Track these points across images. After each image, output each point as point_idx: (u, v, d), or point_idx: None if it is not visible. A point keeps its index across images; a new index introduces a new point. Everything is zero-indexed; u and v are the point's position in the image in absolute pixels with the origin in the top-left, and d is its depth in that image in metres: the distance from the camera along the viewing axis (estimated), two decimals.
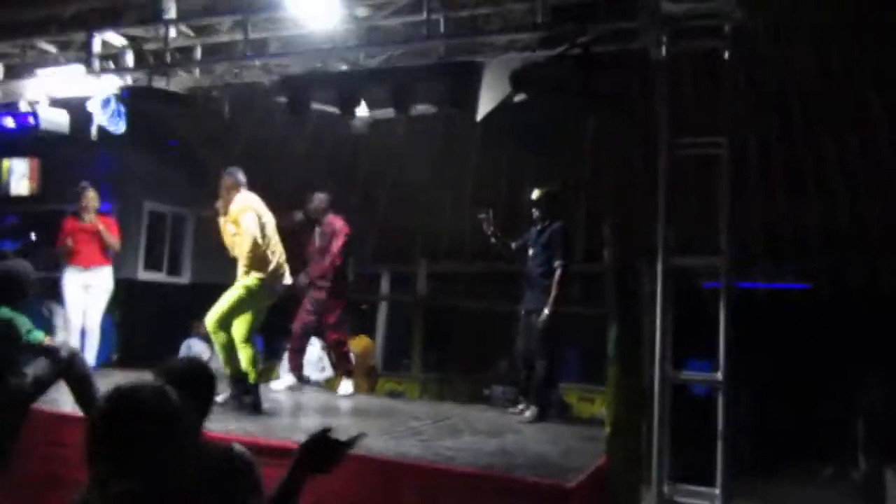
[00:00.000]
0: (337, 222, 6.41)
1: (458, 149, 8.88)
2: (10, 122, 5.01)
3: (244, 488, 2.24)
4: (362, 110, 6.47)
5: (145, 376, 2.00)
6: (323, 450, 1.92)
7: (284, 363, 6.37)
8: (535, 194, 5.60)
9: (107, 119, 4.77)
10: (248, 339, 4.97)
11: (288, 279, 5.19)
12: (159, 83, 4.53)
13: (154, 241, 9.64)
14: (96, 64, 4.69)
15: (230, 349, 4.86)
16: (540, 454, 4.20)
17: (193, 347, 7.80)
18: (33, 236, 10.08)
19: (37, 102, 5.10)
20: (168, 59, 4.58)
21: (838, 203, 7.39)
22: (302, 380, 6.56)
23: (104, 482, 1.55)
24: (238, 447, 2.51)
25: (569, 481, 3.44)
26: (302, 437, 1.95)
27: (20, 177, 8.77)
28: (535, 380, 5.42)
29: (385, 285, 10.61)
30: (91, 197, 6.49)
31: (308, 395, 6.39)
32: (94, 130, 5.03)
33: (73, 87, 4.92)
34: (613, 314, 4.05)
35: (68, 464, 2.24)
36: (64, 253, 6.28)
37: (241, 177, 5.08)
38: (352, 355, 7.51)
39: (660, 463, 3.80)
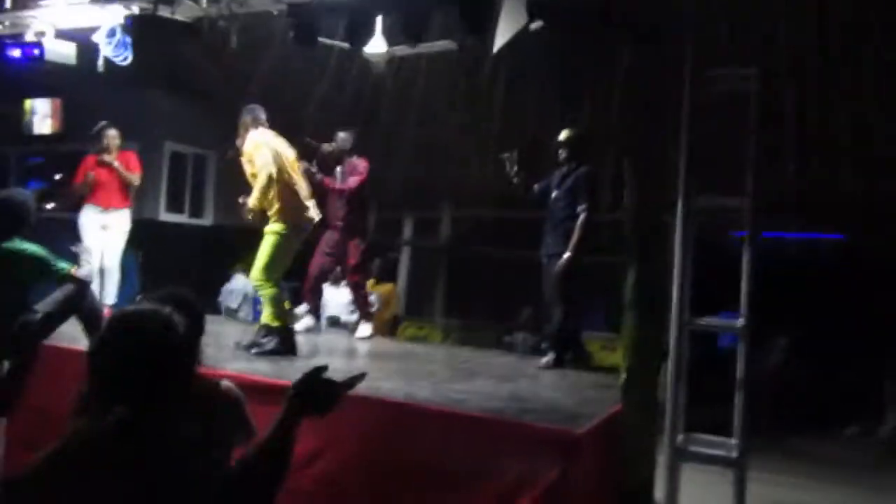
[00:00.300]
0: (359, 163, 6.29)
1: (483, 89, 8.61)
2: (16, 53, 4.93)
3: (230, 424, 2.19)
4: (379, 45, 6.31)
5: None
6: (317, 391, 1.78)
7: (303, 305, 6.33)
8: (564, 135, 5.41)
9: (112, 50, 4.65)
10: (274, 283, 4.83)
11: (315, 213, 5.03)
12: (164, 12, 4.36)
13: (176, 183, 9.63)
14: None
15: (279, 302, 4.77)
16: (553, 401, 4.12)
17: (240, 282, 7.83)
18: (57, 176, 10.17)
19: (42, 34, 4.98)
20: None
21: (876, 146, 7.03)
22: (318, 320, 6.54)
23: (101, 412, 1.52)
24: (226, 383, 2.46)
25: (579, 428, 3.35)
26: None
27: (43, 116, 8.76)
28: (551, 326, 5.31)
29: (408, 231, 10.52)
30: (112, 136, 6.40)
31: (324, 338, 6.37)
32: (100, 62, 4.90)
33: (78, 18, 4.78)
34: (632, 258, 3.89)
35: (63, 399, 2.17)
36: (85, 187, 6.23)
37: (261, 114, 4.91)
38: (372, 298, 7.54)
39: (674, 411, 3.69)
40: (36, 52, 4.87)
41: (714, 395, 4.06)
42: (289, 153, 4.96)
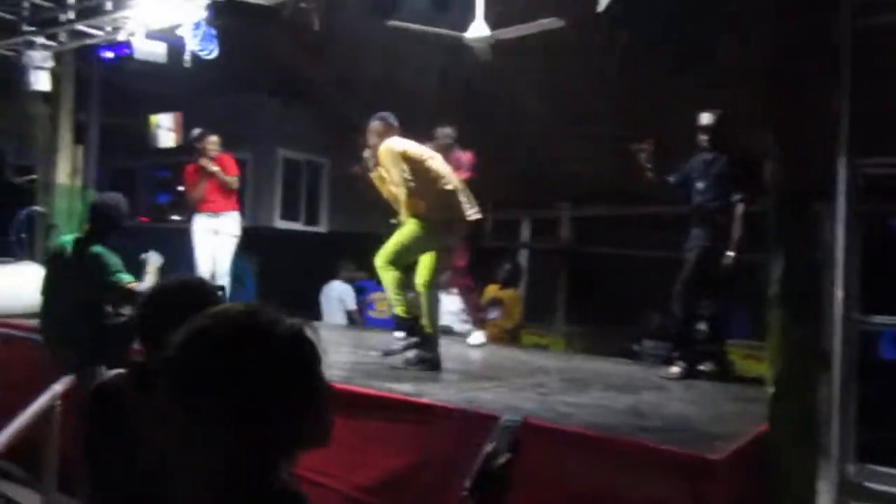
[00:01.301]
0: (463, 157, 5.88)
1: (599, 72, 7.94)
2: (108, 55, 4.93)
3: None
4: (481, 29, 5.88)
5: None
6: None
7: None
8: (706, 119, 4.83)
9: (198, 43, 4.51)
10: (428, 285, 4.45)
11: (474, 214, 4.50)
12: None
13: (291, 190, 9.64)
14: None
15: (400, 288, 4.44)
16: (681, 418, 3.46)
17: (335, 289, 7.62)
18: (181, 188, 10.50)
19: (132, 34, 4.95)
20: None
21: None
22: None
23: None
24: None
25: (713, 452, 2.70)
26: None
27: (166, 130, 9.00)
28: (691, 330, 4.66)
29: (525, 232, 9.99)
30: (211, 141, 6.37)
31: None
32: (186, 57, 4.80)
33: (166, 15, 4.68)
34: (776, 247, 3.19)
35: None
36: (198, 193, 6.25)
37: (393, 121, 4.59)
38: (493, 304, 7.10)
39: (843, 433, 2.95)
40: (127, 51, 4.81)
41: (880, 415, 3.27)
42: (430, 156, 4.58)
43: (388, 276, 4.37)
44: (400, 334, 4.69)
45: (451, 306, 7.12)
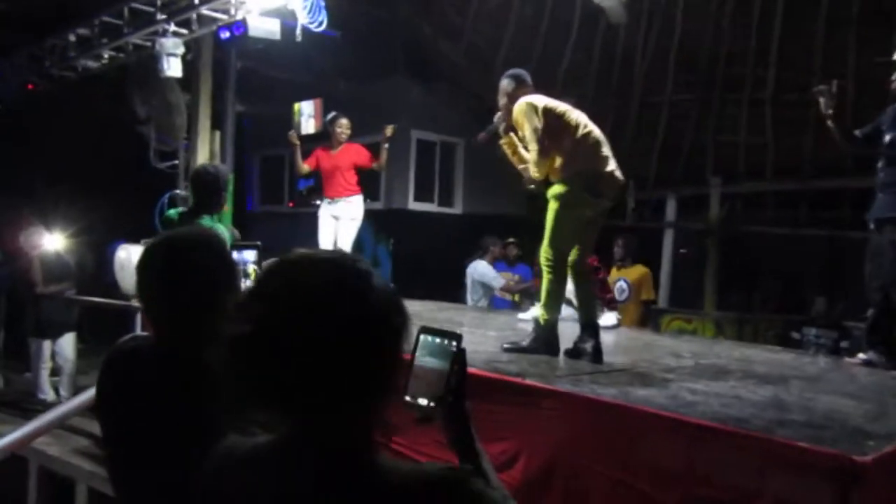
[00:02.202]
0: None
1: (751, 26, 7.17)
2: (225, 35, 5.03)
3: None
4: None
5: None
6: None
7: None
8: None
9: (307, 15, 4.47)
10: (580, 267, 3.86)
11: (620, 176, 3.83)
12: None
13: (424, 172, 9.59)
14: None
15: (554, 293, 3.86)
16: (832, 411, 2.94)
17: (478, 269, 7.34)
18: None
19: (249, 12, 5.02)
20: None
21: None
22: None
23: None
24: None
25: (864, 452, 2.22)
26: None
27: (308, 117, 9.26)
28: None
29: (671, 211, 9.32)
30: (343, 125, 6.39)
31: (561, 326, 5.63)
32: (298, 32, 4.78)
33: None
34: None
35: None
36: (302, 171, 6.33)
37: (525, 77, 4.02)
38: (621, 285, 6.67)
39: None
40: (242, 29, 4.88)
41: None
42: (565, 106, 3.90)
43: (547, 278, 3.80)
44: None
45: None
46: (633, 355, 4.40)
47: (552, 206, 3.77)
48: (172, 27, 5.67)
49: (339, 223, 6.34)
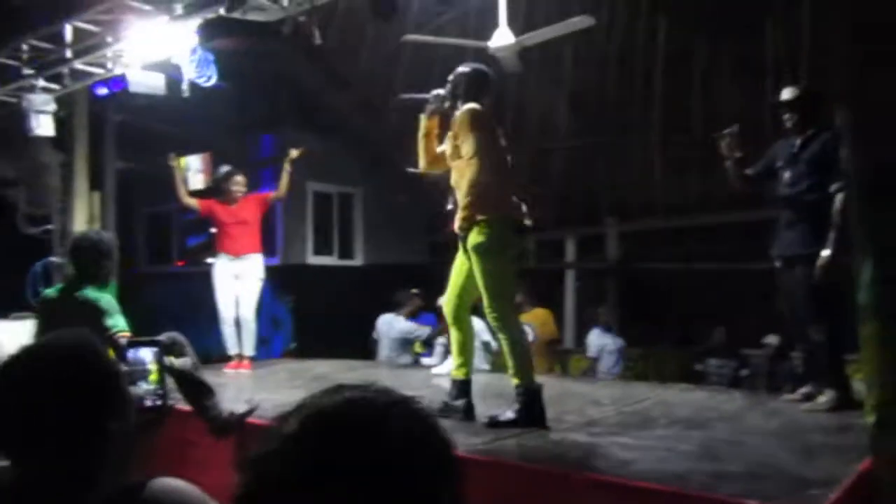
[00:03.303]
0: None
1: (639, 71, 7.44)
2: (102, 91, 4.69)
3: None
4: (505, 36, 5.48)
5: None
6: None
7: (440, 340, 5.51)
8: (788, 94, 4.03)
9: (195, 70, 4.21)
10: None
11: (529, 218, 3.65)
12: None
13: (322, 224, 9.33)
14: (178, 9, 4.13)
15: (524, 347, 3.58)
16: (766, 456, 2.90)
17: (395, 326, 7.01)
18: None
19: (128, 66, 4.70)
20: None
21: None
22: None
23: None
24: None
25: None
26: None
27: (195, 172, 8.83)
28: (818, 354, 3.87)
29: (570, 251, 9.46)
30: (238, 181, 6.06)
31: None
32: (184, 86, 4.50)
33: (163, 45, 4.40)
34: (865, 246, 2.63)
35: None
36: (204, 244, 5.95)
37: (490, 80, 3.68)
38: (525, 328, 6.58)
39: None
40: (123, 83, 4.55)
41: None
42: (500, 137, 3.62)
43: (506, 336, 3.50)
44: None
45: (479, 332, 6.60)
46: (555, 406, 4.27)
47: (483, 258, 3.47)
48: (42, 82, 5.24)
49: (241, 282, 5.95)
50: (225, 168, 6.18)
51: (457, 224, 3.55)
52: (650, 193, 8.35)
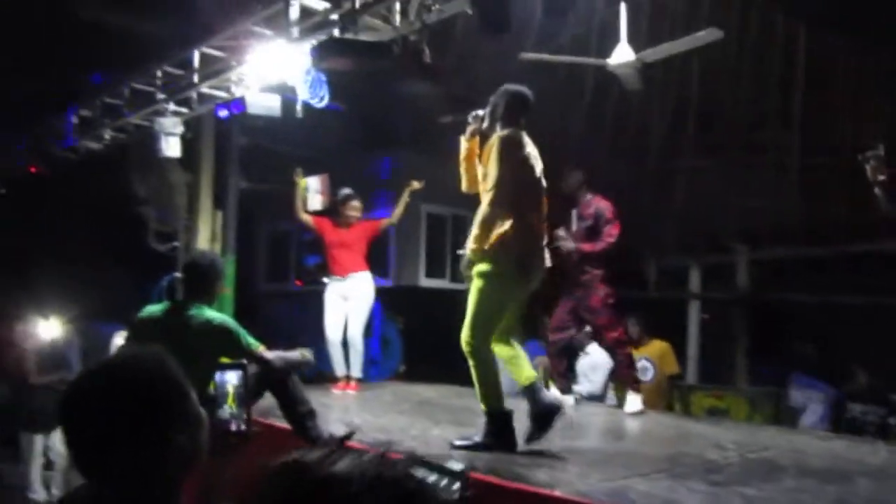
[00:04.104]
0: (600, 203, 5.27)
1: (774, 89, 7.00)
2: (224, 113, 4.92)
3: None
4: (626, 53, 5.31)
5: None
6: None
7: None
8: None
9: (309, 91, 4.32)
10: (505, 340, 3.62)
11: (548, 261, 3.73)
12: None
13: (435, 246, 9.36)
14: (295, 32, 4.27)
15: (493, 376, 3.55)
16: None
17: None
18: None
19: (248, 89, 4.92)
20: (356, 4, 3.94)
21: None
22: (568, 391, 5.44)
23: None
24: None
25: None
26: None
27: (314, 193, 9.14)
28: None
29: (695, 280, 9.01)
30: (354, 206, 6.21)
31: (581, 413, 5.27)
32: (298, 108, 4.65)
33: (279, 67, 4.57)
34: None
35: None
36: (321, 265, 6.14)
37: (528, 101, 3.71)
38: (643, 364, 6.28)
39: None
40: (241, 106, 4.76)
41: None
42: (539, 164, 3.65)
43: (474, 362, 3.50)
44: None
45: (591, 366, 6.34)
46: (671, 447, 4.04)
47: (477, 284, 3.51)
48: (172, 106, 5.59)
49: (349, 304, 6.05)
50: (345, 191, 6.33)
51: (467, 255, 3.59)
52: (785, 218, 7.82)
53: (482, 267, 3.52)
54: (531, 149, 3.64)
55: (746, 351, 8.50)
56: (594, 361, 6.12)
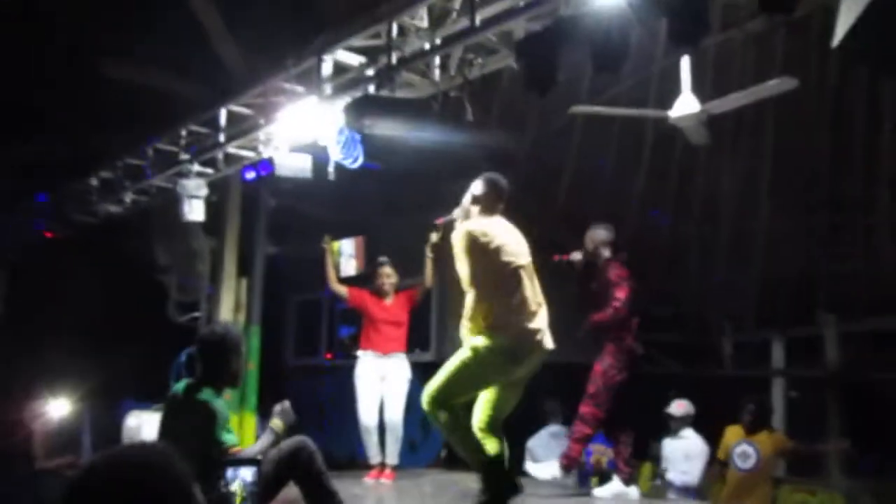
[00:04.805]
0: (612, 269, 5.28)
1: (857, 139, 6.99)
2: (251, 175, 5.10)
3: None
4: (689, 104, 5.39)
5: None
6: None
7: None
8: None
9: (341, 151, 4.49)
10: (490, 428, 3.86)
11: (548, 343, 3.91)
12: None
13: None
14: (328, 89, 4.47)
15: (459, 432, 3.83)
16: None
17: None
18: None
19: (277, 149, 5.11)
20: (393, 59, 4.12)
21: None
22: (632, 482, 5.36)
23: None
24: None
25: None
26: None
27: (348, 258, 9.29)
28: None
29: (778, 355, 8.85)
30: (386, 273, 6.28)
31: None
32: (330, 169, 4.81)
33: (310, 126, 4.76)
34: None
35: None
36: (355, 334, 6.19)
37: (498, 190, 4.07)
38: (745, 449, 6.12)
39: None
40: (270, 167, 4.96)
41: None
42: (518, 250, 3.97)
43: (440, 420, 3.75)
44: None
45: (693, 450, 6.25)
46: None
47: (462, 356, 3.76)
48: (197, 167, 5.82)
49: (387, 384, 6.05)
50: (382, 259, 6.42)
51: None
52: (879, 285, 7.69)
53: (477, 342, 3.75)
54: (502, 233, 3.92)
55: (841, 437, 8.24)
56: (688, 447, 6.12)
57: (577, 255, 5.35)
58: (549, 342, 3.84)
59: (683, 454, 6.14)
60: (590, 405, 5.21)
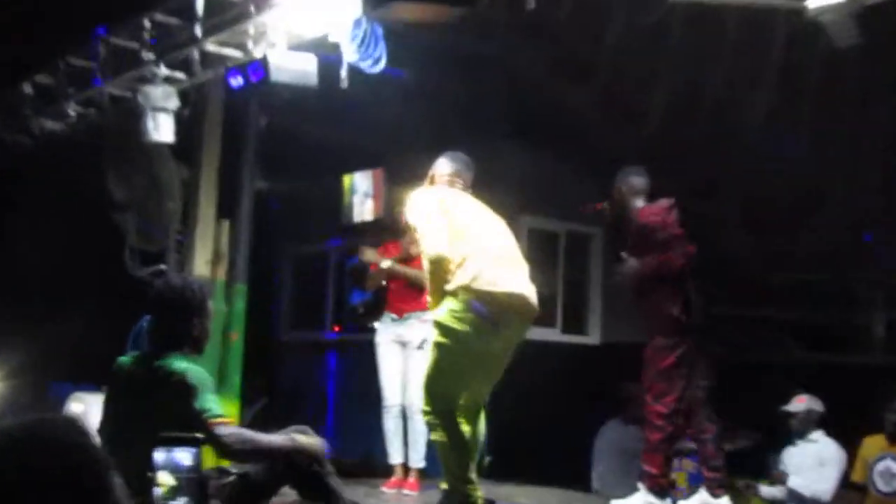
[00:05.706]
0: (643, 213, 5.48)
1: None
2: (237, 81, 5.06)
3: None
4: None
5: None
6: None
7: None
8: None
9: (357, 51, 4.46)
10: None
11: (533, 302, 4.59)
12: None
13: (542, 278, 9.37)
14: None
15: (449, 450, 4.45)
16: None
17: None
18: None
19: (272, 45, 5.06)
20: None
21: None
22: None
23: None
24: None
25: None
26: None
27: (363, 196, 9.28)
28: None
29: None
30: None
31: None
32: (343, 74, 4.79)
33: (317, 15, 4.72)
34: None
35: None
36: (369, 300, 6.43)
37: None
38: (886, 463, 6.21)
39: None
40: (261, 74, 4.94)
41: None
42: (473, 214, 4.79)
43: (434, 435, 4.46)
44: None
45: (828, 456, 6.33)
46: None
47: (435, 346, 4.38)
48: (164, 70, 5.79)
49: (408, 351, 6.15)
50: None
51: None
52: None
53: (438, 314, 4.35)
54: (449, 196, 4.74)
55: None
56: (819, 452, 6.21)
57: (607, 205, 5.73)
58: (533, 296, 4.57)
59: (815, 460, 6.18)
60: (648, 401, 5.36)
